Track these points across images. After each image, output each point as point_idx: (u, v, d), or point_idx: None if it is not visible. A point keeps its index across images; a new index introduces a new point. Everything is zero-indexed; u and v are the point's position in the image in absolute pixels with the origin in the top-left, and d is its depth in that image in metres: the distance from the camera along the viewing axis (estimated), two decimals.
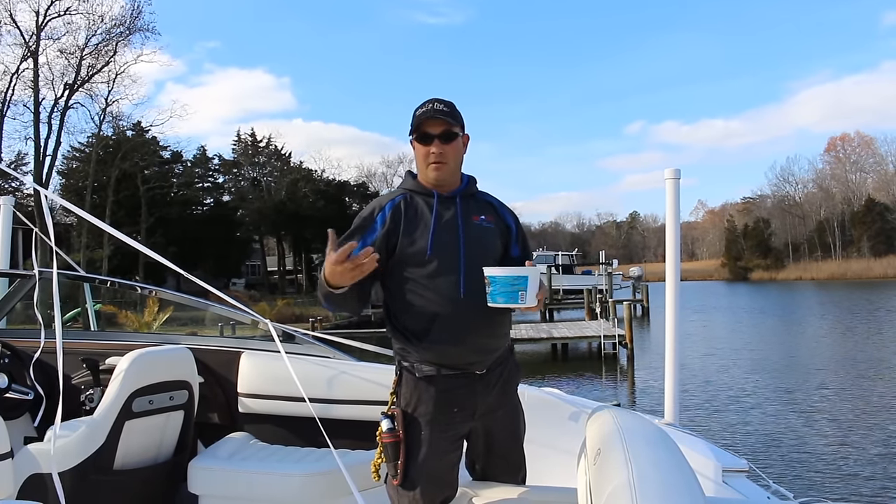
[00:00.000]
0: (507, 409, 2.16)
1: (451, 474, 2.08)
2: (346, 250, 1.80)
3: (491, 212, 2.18)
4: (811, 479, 8.53)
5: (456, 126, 2.08)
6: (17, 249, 5.11)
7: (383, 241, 2.03)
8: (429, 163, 2.07)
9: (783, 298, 43.78)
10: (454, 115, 2.07)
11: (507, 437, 2.17)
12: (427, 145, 2.06)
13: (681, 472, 1.38)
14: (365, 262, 1.81)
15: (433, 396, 2.01)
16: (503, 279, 1.90)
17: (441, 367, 2.02)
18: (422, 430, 2.00)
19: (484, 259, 2.01)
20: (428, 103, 2.07)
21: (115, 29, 35.95)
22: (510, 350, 2.22)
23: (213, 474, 2.80)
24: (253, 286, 52.16)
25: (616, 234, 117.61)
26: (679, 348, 2.81)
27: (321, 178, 57.98)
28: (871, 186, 79.55)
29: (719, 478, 2.30)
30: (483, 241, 2.09)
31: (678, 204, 2.78)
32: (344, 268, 1.81)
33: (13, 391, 3.00)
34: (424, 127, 2.05)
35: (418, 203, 2.10)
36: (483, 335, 2.03)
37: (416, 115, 2.07)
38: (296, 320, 25.35)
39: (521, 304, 1.89)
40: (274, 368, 3.07)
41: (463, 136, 2.12)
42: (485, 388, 2.07)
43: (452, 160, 2.08)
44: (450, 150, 2.06)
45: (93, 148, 40.14)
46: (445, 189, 2.12)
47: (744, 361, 18.24)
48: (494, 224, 2.15)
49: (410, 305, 2.02)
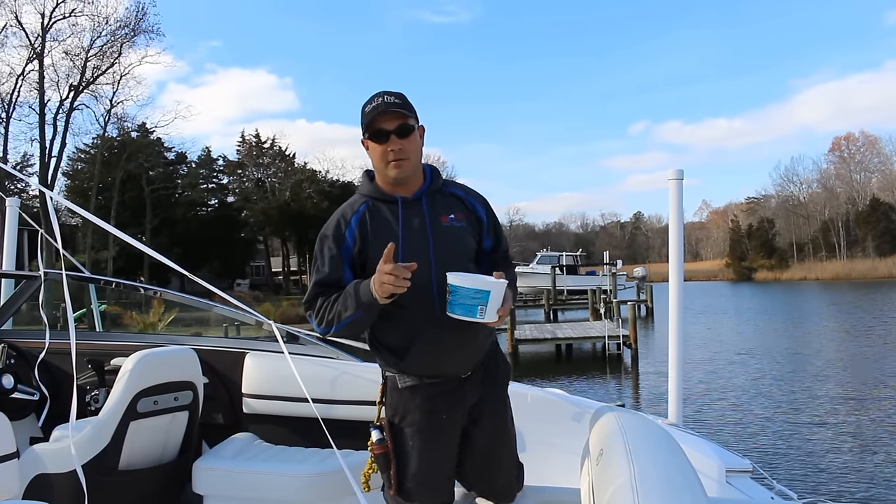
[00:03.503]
0: (493, 407, 2.07)
1: (446, 481, 2.02)
2: (408, 267, 1.75)
3: (460, 207, 2.04)
4: (815, 479, 8.51)
5: (411, 118, 1.94)
6: (23, 250, 5.12)
7: (357, 258, 1.95)
8: (388, 161, 1.92)
9: (788, 299, 43.63)
10: (407, 107, 1.93)
11: (494, 437, 2.07)
12: (383, 143, 1.91)
13: (683, 472, 1.38)
14: (408, 278, 1.76)
15: (419, 405, 1.96)
16: (464, 290, 1.78)
17: (423, 377, 1.96)
18: (410, 440, 1.96)
19: (456, 264, 1.90)
20: (377, 97, 1.92)
21: (120, 30, 36.04)
22: (496, 349, 2.14)
23: (217, 474, 2.81)
24: (257, 287, 52.19)
25: (620, 235, 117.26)
26: (682, 349, 2.81)
27: (325, 178, 57.98)
28: (876, 186, 79.18)
29: (723, 478, 2.31)
30: (454, 244, 1.97)
31: (681, 204, 2.78)
32: (396, 283, 1.75)
33: (19, 392, 3.02)
34: (378, 123, 1.90)
35: (383, 212, 1.97)
36: (463, 345, 1.94)
37: (365, 111, 1.92)
38: (300, 321, 25.27)
39: (478, 319, 1.80)
40: (278, 369, 3.08)
41: (419, 127, 1.99)
42: (471, 389, 2.02)
43: (413, 155, 1.94)
44: (408, 144, 1.93)
45: (98, 149, 40.22)
46: (409, 189, 1.99)
47: (748, 362, 18.19)
48: (465, 220, 2.02)
49: (386, 322, 1.93)
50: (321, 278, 1.96)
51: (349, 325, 1.88)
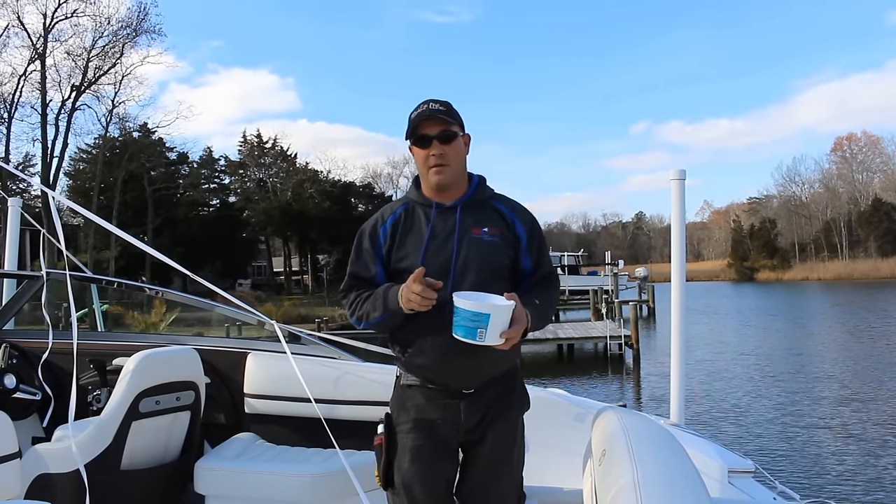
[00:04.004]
0: (498, 433, 1.99)
1: (438, 485, 1.96)
2: (433, 285, 1.82)
3: (498, 222, 2.01)
4: (817, 480, 8.50)
5: (454, 125, 1.97)
6: (25, 250, 5.13)
7: (386, 256, 2.01)
8: (429, 166, 1.96)
9: (790, 299, 43.60)
10: (451, 114, 1.97)
11: (495, 465, 2.00)
12: (426, 148, 1.96)
13: (686, 472, 1.38)
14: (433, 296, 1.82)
15: (415, 405, 1.98)
16: (464, 312, 1.74)
17: (425, 380, 1.98)
18: (402, 436, 1.97)
19: (478, 277, 1.90)
20: (423, 104, 1.97)
21: (122, 31, 36.21)
22: (514, 375, 2.06)
23: (219, 474, 2.82)
24: (259, 287, 52.27)
25: (622, 235, 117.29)
26: (684, 349, 2.81)
27: (327, 178, 58.04)
28: (878, 186, 79.08)
29: (725, 478, 2.30)
30: (481, 258, 1.94)
31: (683, 204, 2.78)
32: (421, 303, 1.82)
33: (21, 392, 3.02)
34: (421, 129, 1.95)
35: (417, 215, 2.02)
36: (468, 359, 1.88)
37: (411, 118, 1.96)
38: (301, 321, 25.36)
39: (479, 342, 1.75)
40: (280, 369, 3.08)
41: (463, 136, 2.02)
42: (471, 407, 1.96)
43: (454, 161, 1.97)
44: (450, 150, 1.96)
45: (99, 149, 40.35)
46: (449, 197, 2.01)
47: (750, 362, 18.17)
48: (500, 236, 1.99)
49: (400, 320, 1.95)
50: (354, 271, 2.07)
51: (377, 324, 1.97)
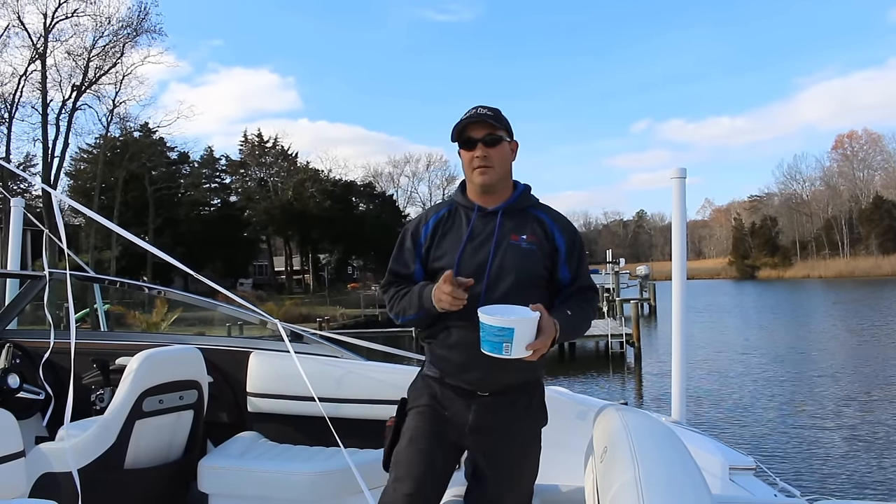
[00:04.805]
0: (504, 441, 1.98)
1: (432, 473, 1.95)
2: (465, 283, 1.86)
3: (537, 230, 2.03)
4: (818, 477, 8.51)
5: (500, 130, 2.01)
6: (27, 250, 5.12)
7: (426, 255, 2.07)
8: (473, 167, 2.00)
9: (791, 297, 43.59)
10: (498, 119, 2.01)
11: (500, 476, 1.98)
12: (471, 150, 2.00)
13: (687, 469, 1.39)
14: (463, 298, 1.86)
15: (430, 394, 2.03)
16: (489, 328, 1.75)
17: (444, 374, 2.02)
18: (408, 420, 2.03)
19: (512, 283, 1.93)
20: (472, 109, 2.02)
21: (123, 30, 36.21)
22: (534, 387, 2.07)
23: (222, 473, 2.82)
24: (260, 286, 52.33)
25: (623, 233, 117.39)
26: (686, 347, 2.82)
27: (328, 178, 58.07)
28: (879, 184, 79.08)
29: (726, 476, 2.31)
30: (516, 264, 1.96)
31: (684, 203, 2.79)
32: (451, 303, 1.86)
33: (24, 391, 3.03)
34: (468, 132, 2.00)
35: (459, 217, 2.06)
36: (492, 365, 1.86)
37: (459, 122, 2.01)
38: (303, 320, 25.39)
39: (505, 356, 1.75)
40: (283, 368, 3.09)
41: (511, 142, 2.05)
42: (483, 408, 1.98)
43: (498, 165, 2.00)
44: (495, 153, 1.99)
45: (100, 149, 40.36)
46: (492, 201, 2.04)
47: (751, 360, 18.17)
48: (537, 245, 2.00)
49: (434, 317, 1.99)
50: (395, 268, 2.12)
51: (413, 321, 2.04)
